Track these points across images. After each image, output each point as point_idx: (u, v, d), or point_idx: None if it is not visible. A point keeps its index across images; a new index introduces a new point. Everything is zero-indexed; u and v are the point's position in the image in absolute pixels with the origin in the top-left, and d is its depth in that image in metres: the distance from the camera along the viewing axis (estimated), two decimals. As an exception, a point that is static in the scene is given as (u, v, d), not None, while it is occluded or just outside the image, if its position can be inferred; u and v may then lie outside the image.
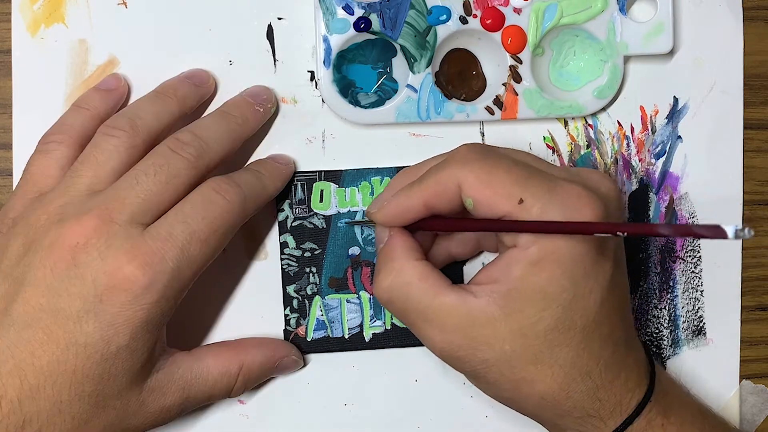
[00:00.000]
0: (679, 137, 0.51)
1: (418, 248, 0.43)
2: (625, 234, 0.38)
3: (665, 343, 0.52)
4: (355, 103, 0.49)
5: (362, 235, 0.49)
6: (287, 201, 0.49)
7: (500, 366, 0.41)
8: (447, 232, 0.47)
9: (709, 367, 0.52)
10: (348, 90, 0.49)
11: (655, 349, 0.51)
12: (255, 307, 0.50)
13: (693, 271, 0.51)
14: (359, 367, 0.50)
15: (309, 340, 0.49)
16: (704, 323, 0.52)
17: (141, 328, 0.40)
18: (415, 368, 0.50)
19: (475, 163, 0.41)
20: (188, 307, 0.46)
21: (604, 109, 0.50)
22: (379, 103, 0.49)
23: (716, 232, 0.34)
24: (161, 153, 0.43)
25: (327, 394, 0.50)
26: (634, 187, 0.51)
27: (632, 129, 0.51)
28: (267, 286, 0.49)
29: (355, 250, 0.49)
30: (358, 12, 0.47)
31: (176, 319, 0.43)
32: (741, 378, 0.52)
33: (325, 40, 0.47)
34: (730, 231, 0.34)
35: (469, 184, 0.41)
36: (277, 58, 0.49)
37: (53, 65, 0.48)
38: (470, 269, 0.50)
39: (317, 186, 0.49)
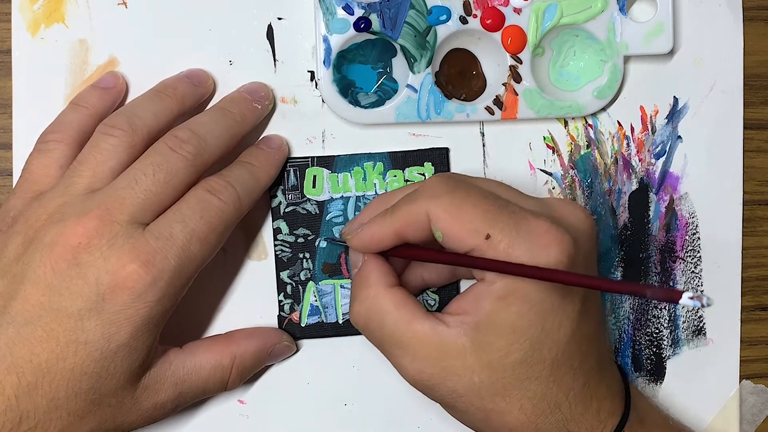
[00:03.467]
0: (679, 137, 0.51)
1: (392, 273, 0.44)
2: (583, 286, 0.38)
3: (665, 343, 0.51)
4: (355, 103, 0.49)
5: None
6: (280, 187, 0.49)
7: (469, 397, 0.41)
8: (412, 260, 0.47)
9: (709, 367, 0.52)
10: (348, 90, 0.49)
11: (655, 349, 0.51)
12: (252, 308, 0.50)
13: (693, 271, 0.51)
14: (359, 367, 0.50)
15: (303, 325, 0.49)
16: (704, 323, 0.52)
17: (142, 326, 0.41)
18: (415, 368, 0.50)
19: (445, 197, 0.41)
20: (185, 306, 0.46)
21: (604, 109, 0.50)
22: (379, 103, 0.49)
23: (670, 296, 0.34)
24: (160, 151, 0.43)
25: (327, 394, 0.50)
26: (634, 187, 0.51)
27: (632, 129, 0.51)
28: (265, 287, 0.49)
29: None
30: (358, 12, 0.47)
31: (173, 319, 0.43)
32: (741, 378, 0.52)
33: (325, 40, 0.47)
34: (684, 297, 0.33)
35: (438, 218, 0.41)
36: (277, 58, 0.49)
37: (53, 65, 0.49)
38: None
39: (310, 172, 0.49)
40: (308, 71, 0.50)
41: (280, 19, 0.49)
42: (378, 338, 0.43)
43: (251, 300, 0.50)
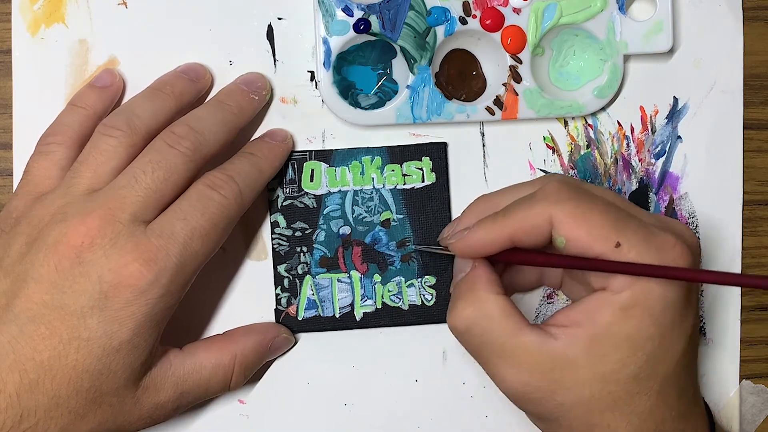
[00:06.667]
0: (679, 137, 0.51)
1: (499, 282, 0.42)
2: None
3: (665, 343, 0.51)
4: (356, 104, 0.49)
5: (353, 214, 0.49)
6: (278, 180, 0.49)
7: (577, 410, 0.40)
8: (522, 265, 0.46)
9: (709, 367, 0.52)
10: (348, 91, 0.49)
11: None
12: (252, 307, 0.50)
13: (693, 271, 0.51)
14: (359, 367, 0.50)
15: (300, 319, 0.49)
16: (704, 323, 0.52)
17: (145, 323, 0.41)
18: (415, 368, 0.50)
19: (569, 202, 0.40)
20: (185, 307, 0.46)
21: (604, 109, 0.50)
22: (380, 104, 0.49)
23: None
24: (158, 149, 0.43)
25: (327, 394, 0.50)
26: (634, 187, 0.51)
27: (632, 129, 0.51)
28: (266, 286, 0.50)
29: (345, 230, 0.49)
30: (358, 13, 0.47)
31: (172, 319, 0.43)
32: (741, 378, 0.52)
33: (325, 42, 0.47)
34: None
35: (563, 223, 0.39)
36: (277, 58, 0.49)
37: (53, 65, 0.49)
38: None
39: (308, 165, 0.49)
40: (308, 71, 0.50)
41: (280, 19, 0.49)
42: (477, 345, 0.41)
43: (251, 300, 0.50)
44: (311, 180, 0.49)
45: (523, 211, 0.41)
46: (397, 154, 0.49)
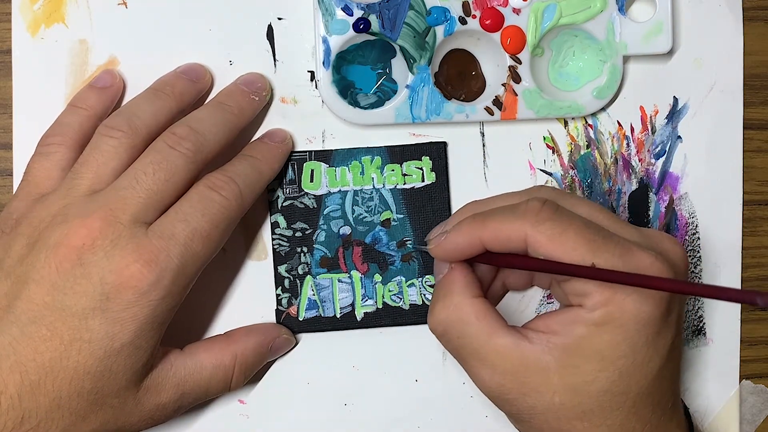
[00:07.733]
0: (679, 137, 0.51)
1: (476, 284, 0.43)
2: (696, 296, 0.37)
3: (665, 343, 0.51)
4: (355, 103, 0.49)
5: (353, 214, 0.49)
6: (278, 181, 0.49)
7: (546, 415, 0.41)
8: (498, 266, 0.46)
9: (709, 367, 0.52)
10: (347, 91, 0.49)
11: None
12: (253, 307, 0.50)
13: (693, 271, 0.51)
14: (359, 367, 0.50)
15: (301, 319, 0.49)
16: (704, 323, 0.52)
17: (146, 325, 0.41)
18: (415, 368, 0.50)
19: (547, 223, 0.40)
20: (186, 307, 0.46)
21: (603, 109, 0.50)
22: (379, 103, 0.49)
23: None
24: (159, 150, 0.43)
25: (327, 394, 0.50)
26: (634, 187, 0.51)
27: (632, 129, 0.51)
28: (266, 286, 0.50)
29: (346, 230, 0.49)
30: (357, 13, 0.47)
31: (174, 321, 0.43)
32: (741, 378, 0.52)
33: (325, 41, 0.47)
34: None
35: (539, 243, 0.40)
36: (277, 58, 0.49)
37: (53, 65, 0.49)
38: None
39: (308, 166, 0.49)
40: (308, 71, 0.50)
41: (280, 19, 0.49)
42: (455, 347, 0.42)
43: (252, 300, 0.50)
44: (311, 180, 0.49)
45: (499, 222, 0.41)
46: (397, 154, 0.49)
